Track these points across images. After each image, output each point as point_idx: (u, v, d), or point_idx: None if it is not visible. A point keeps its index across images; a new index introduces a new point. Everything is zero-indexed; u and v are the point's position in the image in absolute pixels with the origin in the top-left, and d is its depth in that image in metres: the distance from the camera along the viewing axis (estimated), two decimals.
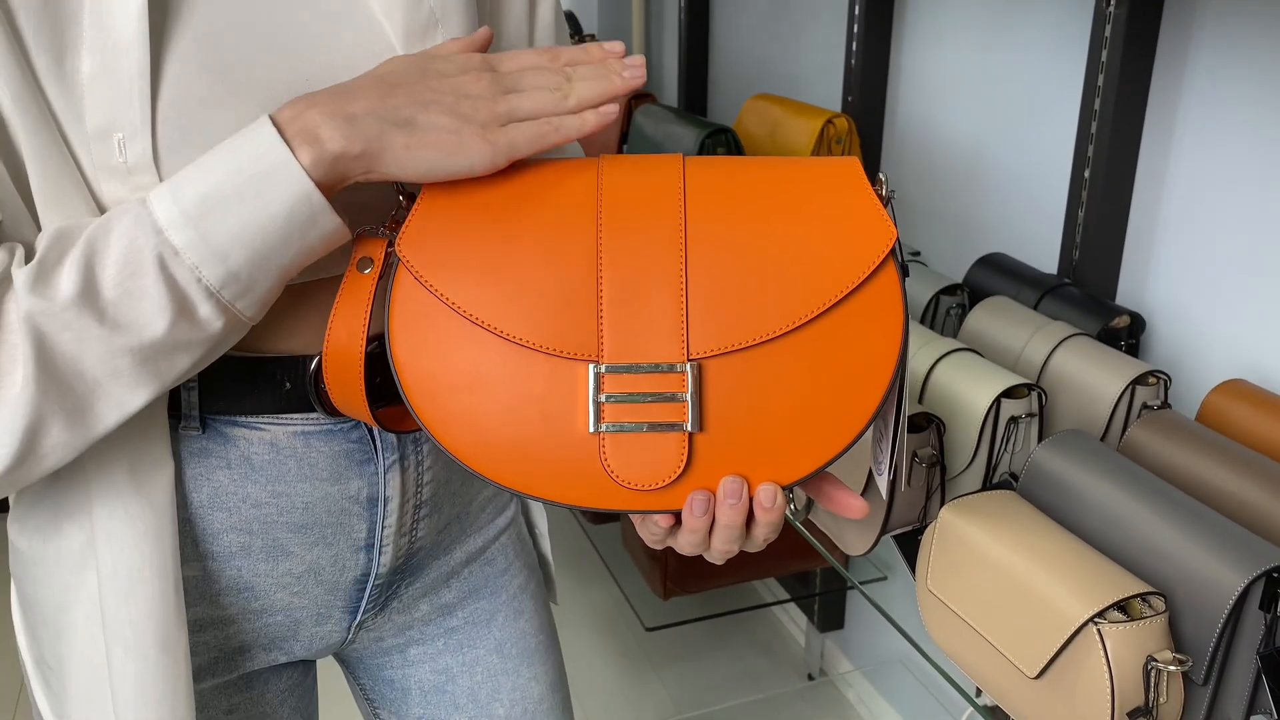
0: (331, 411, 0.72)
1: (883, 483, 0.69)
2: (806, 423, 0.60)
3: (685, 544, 0.63)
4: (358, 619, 0.82)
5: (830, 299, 0.60)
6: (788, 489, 0.61)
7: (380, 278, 0.63)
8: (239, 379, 0.69)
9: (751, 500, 0.61)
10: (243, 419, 0.71)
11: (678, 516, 0.62)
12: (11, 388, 0.57)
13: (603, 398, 0.60)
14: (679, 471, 0.60)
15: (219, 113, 0.62)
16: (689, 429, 0.59)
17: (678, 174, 0.63)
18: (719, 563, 0.66)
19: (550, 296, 0.60)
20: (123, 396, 0.60)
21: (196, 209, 0.57)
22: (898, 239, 0.62)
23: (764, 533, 0.62)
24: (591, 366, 0.60)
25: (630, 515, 0.65)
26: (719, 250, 0.61)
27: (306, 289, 0.69)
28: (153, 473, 0.68)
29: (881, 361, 0.60)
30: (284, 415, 0.71)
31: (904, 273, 0.62)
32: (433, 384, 0.61)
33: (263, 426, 0.71)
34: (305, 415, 0.72)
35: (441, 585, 0.87)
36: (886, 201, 0.63)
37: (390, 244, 0.63)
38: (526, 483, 0.61)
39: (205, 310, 0.59)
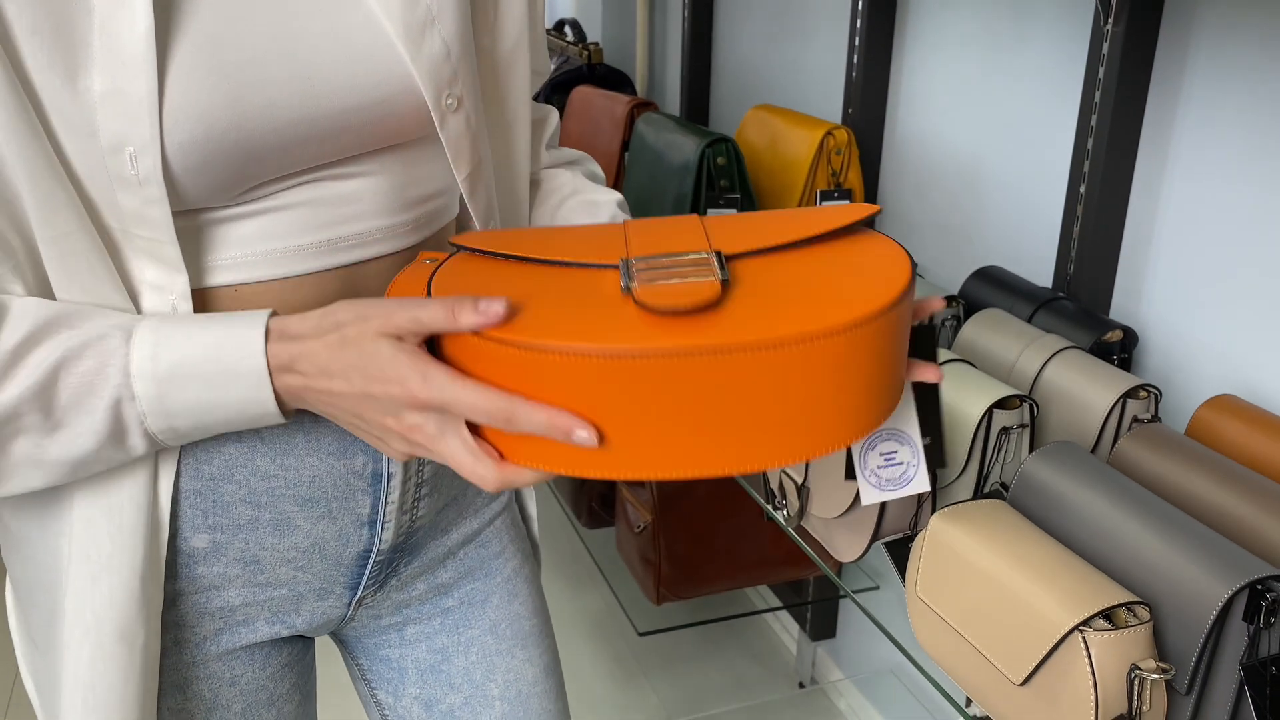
0: None
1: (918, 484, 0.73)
2: (833, 295, 0.61)
3: None
4: (358, 595, 0.84)
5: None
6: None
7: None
8: None
9: None
10: None
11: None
12: None
13: (634, 262, 0.62)
14: (715, 296, 0.58)
15: (223, 115, 0.64)
16: (721, 278, 0.60)
17: (698, 222, 0.69)
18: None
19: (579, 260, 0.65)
20: (30, 481, 0.66)
21: (167, 372, 0.64)
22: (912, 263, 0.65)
23: None
24: (621, 261, 0.63)
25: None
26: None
27: (314, 277, 0.72)
28: (136, 467, 0.70)
29: (895, 271, 0.63)
30: None
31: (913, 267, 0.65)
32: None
33: None
34: None
35: (438, 565, 0.90)
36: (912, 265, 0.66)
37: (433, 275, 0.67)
38: (553, 331, 0.58)
39: (135, 439, 0.66)
